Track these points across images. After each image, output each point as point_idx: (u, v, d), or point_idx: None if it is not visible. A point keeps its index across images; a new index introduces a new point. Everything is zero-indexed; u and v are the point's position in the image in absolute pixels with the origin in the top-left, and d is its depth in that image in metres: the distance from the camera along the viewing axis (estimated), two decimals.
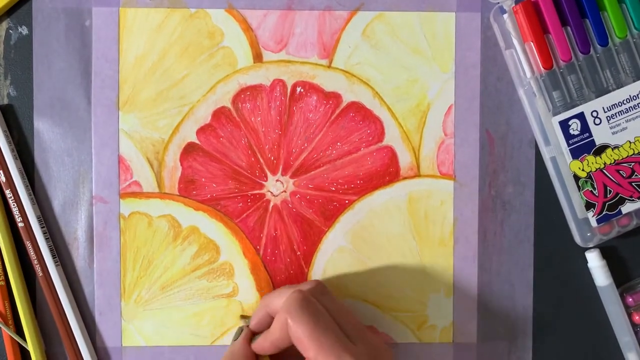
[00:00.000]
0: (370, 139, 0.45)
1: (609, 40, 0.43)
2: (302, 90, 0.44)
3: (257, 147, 0.44)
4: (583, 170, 0.43)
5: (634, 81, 0.43)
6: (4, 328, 0.43)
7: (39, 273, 0.43)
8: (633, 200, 0.43)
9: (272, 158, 0.44)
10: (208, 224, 0.44)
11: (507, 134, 0.45)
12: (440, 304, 0.45)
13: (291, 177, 0.45)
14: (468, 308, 0.45)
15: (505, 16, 0.43)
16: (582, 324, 0.46)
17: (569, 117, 0.42)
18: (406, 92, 0.45)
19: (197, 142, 0.44)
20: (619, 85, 0.43)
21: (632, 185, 0.43)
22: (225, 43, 0.44)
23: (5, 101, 0.44)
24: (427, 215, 0.45)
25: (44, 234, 0.44)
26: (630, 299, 0.45)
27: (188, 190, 0.44)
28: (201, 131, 0.44)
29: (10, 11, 0.44)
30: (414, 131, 0.45)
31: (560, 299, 0.45)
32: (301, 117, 0.44)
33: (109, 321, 0.44)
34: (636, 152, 0.43)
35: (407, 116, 0.45)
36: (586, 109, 0.42)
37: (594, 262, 0.44)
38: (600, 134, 0.43)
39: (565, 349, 0.45)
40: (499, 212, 0.45)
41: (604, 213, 0.43)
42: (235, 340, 0.41)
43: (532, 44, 0.42)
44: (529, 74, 0.43)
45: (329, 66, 0.44)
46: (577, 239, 0.44)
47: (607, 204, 0.43)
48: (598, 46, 0.43)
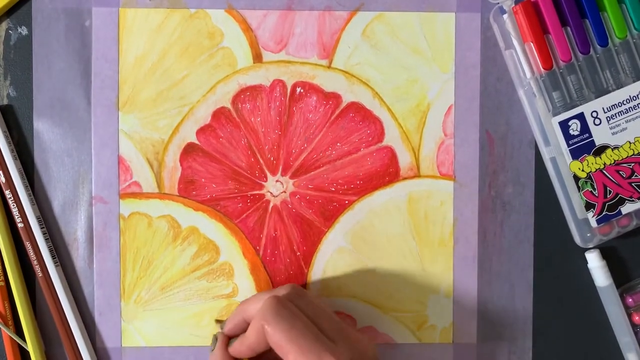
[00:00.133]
0: (370, 139, 0.45)
1: (609, 40, 0.43)
2: (302, 91, 0.44)
3: (256, 148, 0.44)
4: (583, 170, 0.43)
5: (634, 81, 0.43)
6: (3, 329, 0.43)
7: (39, 273, 0.43)
8: (633, 201, 0.43)
9: (272, 158, 0.44)
10: (208, 225, 0.44)
11: (507, 134, 0.45)
12: (440, 304, 0.45)
13: (291, 177, 0.45)
14: (468, 308, 0.45)
15: (505, 16, 0.43)
16: (582, 324, 0.46)
17: (568, 117, 0.42)
18: (406, 93, 0.45)
19: (197, 142, 0.44)
20: (619, 85, 0.43)
21: (632, 186, 0.43)
22: (225, 43, 0.44)
23: (5, 102, 0.44)
24: (427, 215, 0.45)
25: (44, 234, 0.44)
26: (630, 300, 0.45)
27: (188, 191, 0.44)
28: (201, 131, 0.44)
29: (10, 11, 0.44)
30: (413, 131, 0.45)
31: (560, 299, 0.45)
32: (301, 117, 0.44)
33: (108, 322, 0.44)
34: (636, 152, 0.43)
35: (407, 116, 0.45)
36: (586, 109, 0.42)
37: (594, 262, 0.44)
38: (600, 135, 0.43)
39: (565, 349, 0.45)
40: (499, 213, 0.45)
41: (603, 213, 0.43)
42: (212, 350, 0.41)
43: (532, 44, 0.42)
44: (528, 74, 0.43)
45: (329, 66, 0.44)
46: (577, 240, 0.44)
47: (607, 204, 0.43)
48: (598, 46, 0.43)
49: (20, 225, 0.43)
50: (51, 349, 0.44)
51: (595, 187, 0.43)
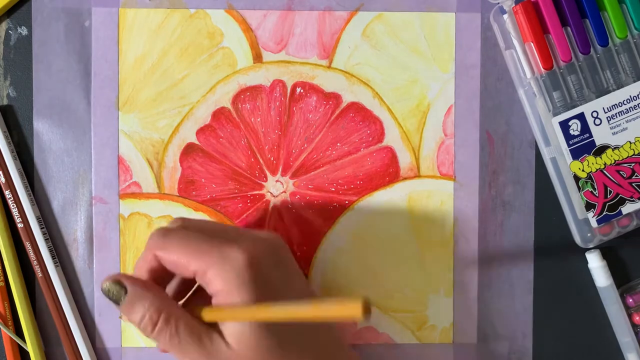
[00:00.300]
0: (370, 139, 0.45)
1: (609, 40, 0.43)
2: (301, 91, 0.44)
3: (256, 148, 0.44)
4: (583, 170, 0.43)
5: (634, 81, 0.43)
6: (3, 329, 0.43)
7: (39, 274, 0.43)
8: (633, 201, 0.43)
9: (272, 159, 0.44)
10: None
11: (507, 134, 0.45)
12: (440, 304, 0.45)
13: (291, 177, 0.45)
14: (468, 308, 0.45)
15: (505, 16, 0.43)
16: (582, 324, 0.45)
17: (569, 117, 0.42)
18: (406, 93, 0.45)
19: (196, 142, 0.44)
20: (619, 85, 0.43)
21: (633, 186, 0.43)
22: (225, 43, 0.44)
23: (5, 102, 0.44)
24: (427, 215, 0.45)
25: (44, 234, 0.44)
26: (631, 300, 0.45)
27: (188, 191, 0.44)
28: (201, 132, 0.44)
29: (9, 11, 0.44)
30: (413, 132, 0.45)
31: (560, 299, 0.45)
32: (301, 117, 0.44)
33: (108, 322, 0.44)
34: (636, 152, 0.43)
35: (407, 116, 0.45)
36: (586, 109, 0.42)
37: (594, 262, 0.44)
38: (601, 135, 0.43)
39: (565, 350, 0.45)
40: (499, 212, 0.45)
41: (604, 213, 0.43)
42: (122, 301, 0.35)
43: (532, 44, 0.42)
44: (529, 74, 0.43)
45: (329, 66, 0.44)
46: (577, 240, 0.44)
47: (607, 204, 0.43)
48: (598, 46, 0.43)
49: (20, 226, 0.43)
50: (51, 349, 0.44)
51: (596, 187, 0.43)
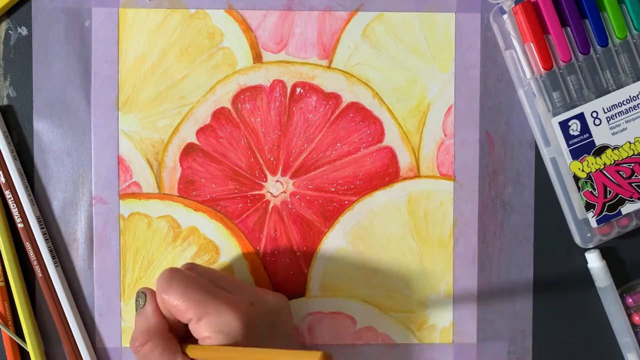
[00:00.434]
0: (370, 139, 0.45)
1: (609, 40, 0.43)
2: (301, 91, 0.44)
3: (256, 148, 0.44)
4: (583, 170, 0.43)
5: (634, 82, 0.43)
6: (3, 329, 0.43)
7: (39, 274, 0.43)
8: (633, 201, 0.43)
9: (272, 159, 0.44)
10: (208, 225, 0.44)
11: (507, 134, 0.45)
12: (440, 304, 0.45)
13: (291, 177, 0.45)
14: (468, 308, 0.45)
15: (505, 17, 0.43)
16: (582, 324, 0.46)
17: (568, 117, 0.42)
18: (406, 93, 0.45)
19: (196, 142, 0.44)
20: (619, 85, 0.43)
21: (632, 186, 0.43)
22: (225, 43, 0.44)
23: (5, 102, 0.44)
24: (427, 215, 0.45)
25: (44, 234, 0.44)
26: (630, 300, 0.45)
27: (188, 191, 0.44)
28: (201, 132, 0.44)
29: (9, 12, 0.44)
30: (413, 132, 0.45)
31: (560, 299, 0.45)
32: (301, 117, 0.44)
33: (108, 322, 0.44)
34: (636, 152, 0.43)
35: (406, 117, 0.45)
36: (586, 109, 0.42)
37: (594, 262, 0.44)
38: (600, 135, 0.43)
39: (565, 349, 0.45)
40: (499, 213, 0.45)
41: (603, 214, 0.43)
42: (142, 307, 0.39)
43: (531, 44, 0.42)
44: (528, 74, 0.43)
45: (329, 67, 0.44)
46: (577, 240, 0.44)
47: (607, 204, 0.43)
48: (598, 47, 0.43)
49: (20, 226, 0.43)
50: (51, 349, 0.44)
51: (595, 187, 0.43)
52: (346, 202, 0.45)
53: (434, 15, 0.44)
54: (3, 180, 0.43)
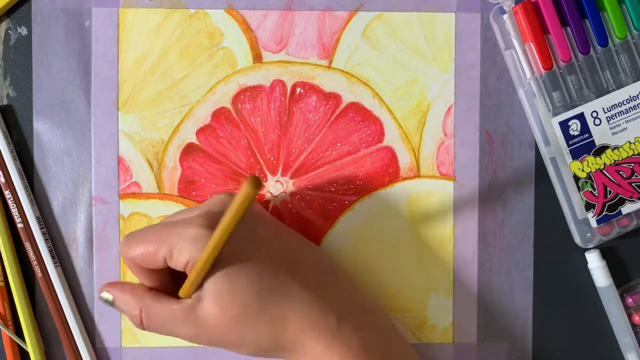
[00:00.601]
0: (370, 139, 0.45)
1: (609, 40, 0.43)
2: (301, 91, 0.44)
3: (256, 148, 0.44)
4: (583, 170, 0.43)
5: (634, 82, 0.43)
6: (3, 329, 0.43)
7: (39, 274, 0.43)
8: (633, 201, 0.43)
9: (272, 159, 0.44)
10: None
11: (507, 134, 0.45)
12: (440, 304, 0.45)
13: (291, 177, 0.45)
14: (468, 308, 0.45)
15: (505, 16, 0.43)
16: (582, 324, 0.46)
17: (568, 117, 0.42)
18: (406, 93, 0.45)
19: (196, 142, 0.44)
20: (619, 85, 0.43)
21: (632, 186, 0.43)
22: (225, 43, 0.44)
23: (5, 102, 0.44)
24: (427, 215, 0.45)
25: (44, 234, 0.44)
26: (630, 300, 0.45)
27: (188, 191, 0.44)
28: (201, 132, 0.44)
29: (9, 12, 0.44)
30: (413, 132, 0.45)
31: (560, 299, 0.45)
32: (301, 117, 0.44)
33: (108, 322, 0.44)
34: (636, 152, 0.43)
35: (406, 117, 0.45)
36: (586, 109, 0.42)
37: (594, 262, 0.44)
38: (600, 135, 0.43)
39: (565, 349, 0.45)
40: (499, 212, 0.45)
41: (603, 214, 0.43)
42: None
43: (531, 44, 0.42)
44: (528, 74, 0.43)
45: (329, 67, 0.44)
46: (577, 240, 0.44)
47: (607, 204, 0.43)
48: (598, 46, 0.43)
49: (20, 226, 0.43)
50: (51, 349, 0.44)
51: (595, 187, 0.43)
52: (346, 202, 0.45)
53: (434, 15, 0.44)
54: (3, 180, 0.43)
